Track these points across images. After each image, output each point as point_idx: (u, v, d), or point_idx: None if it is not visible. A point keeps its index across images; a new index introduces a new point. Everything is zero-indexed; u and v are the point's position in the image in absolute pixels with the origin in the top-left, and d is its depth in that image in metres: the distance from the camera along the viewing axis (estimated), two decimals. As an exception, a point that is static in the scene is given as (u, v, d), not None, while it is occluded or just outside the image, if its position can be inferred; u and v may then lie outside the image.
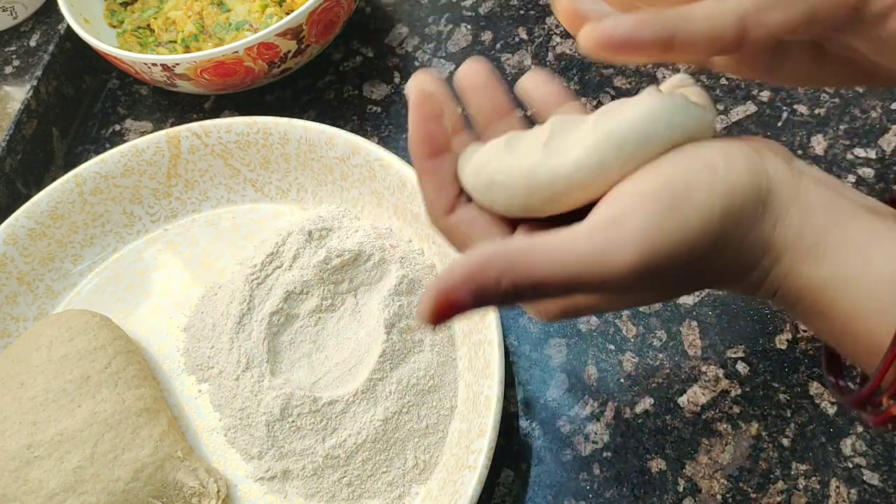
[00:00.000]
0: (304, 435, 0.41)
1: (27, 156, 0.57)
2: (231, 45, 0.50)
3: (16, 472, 0.39)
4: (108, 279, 0.51)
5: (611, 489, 0.41)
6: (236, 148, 0.51)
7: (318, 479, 0.41)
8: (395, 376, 0.42)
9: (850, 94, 0.52)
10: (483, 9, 0.61)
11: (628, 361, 0.44)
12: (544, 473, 0.42)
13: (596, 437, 0.42)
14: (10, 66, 0.61)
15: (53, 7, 0.63)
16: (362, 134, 0.53)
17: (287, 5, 0.57)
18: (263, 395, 0.42)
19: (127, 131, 0.60)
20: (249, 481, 0.42)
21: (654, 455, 0.41)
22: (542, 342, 0.46)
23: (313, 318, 0.44)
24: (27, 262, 0.49)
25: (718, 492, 0.40)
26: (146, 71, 0.53)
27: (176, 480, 0.40)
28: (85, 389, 0.41)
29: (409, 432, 0.41)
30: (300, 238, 0.45)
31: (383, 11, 0.63)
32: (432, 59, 0.60)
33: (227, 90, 0.55)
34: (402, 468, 0.41)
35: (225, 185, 0.52)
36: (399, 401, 0.41)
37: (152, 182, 0.52)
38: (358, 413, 0.41)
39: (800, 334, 0.44)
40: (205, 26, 0.57)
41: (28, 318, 0.49)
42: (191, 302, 0.49)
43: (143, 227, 0.52)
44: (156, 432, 0.41)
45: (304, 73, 0.59)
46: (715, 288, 0.27)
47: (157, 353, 0.48)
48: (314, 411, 0.41)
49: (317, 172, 0.50)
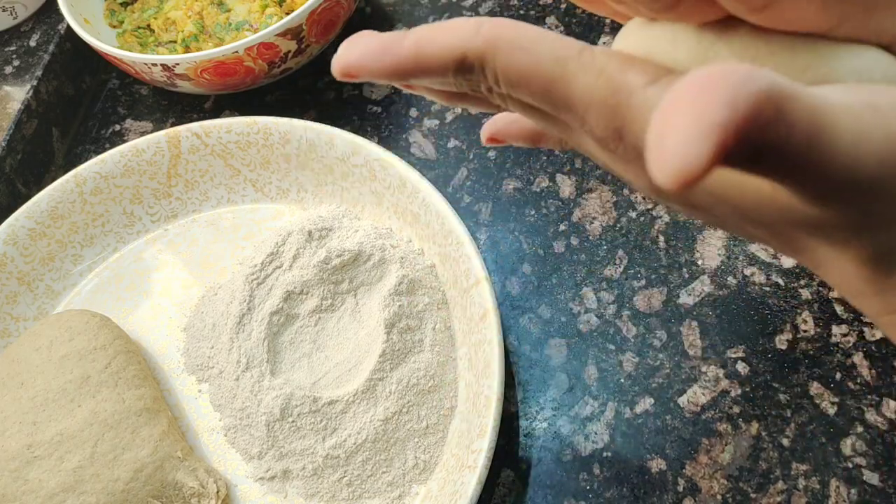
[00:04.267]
0: (304, 435, 0.41)
1: (27, 156, 0.57)
2: (231, 45, 0.50)
3: (16, 472, 0.39)
4: (108, 279, 0.51)
5: (611, 489, 0.41)
6: (236, 148, 0.51)
7: (318, 479, 0.41)
8: (395, 376, 0.42)
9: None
10: (483, 9, 0.61)
11: (628, 361, 0.44)
12: (544, 473, 0.42)
13: (596, 437, 0.42)
14: (10, 66, 0.61)
15: (53, 7, 0.63)
16: (362, 134, 0.53)
17: (287, 5, 0.57)
18: (263, 395, 0.42)
19: (127, 131, 0.60)
20: (249, 481, 0.42)
21: (654, 455, 0.41)
22: (542, 342, 0.46)
23: (313, 318, 0.44)
24: (27, 262, 0.49)
25: (718, 492, 0.40)
26: (146, 71, 0.53)
27: (175, 480, 0.40)
28: (85, 389, 0.41)
29: (409, 432, 0.41)
30: (300, 238, 0.45)
31: (383, 11, 0.63)
32: (432, 59, 0.60)
33: (227, 90, 0.55)
34: (402, 468, 0.41)
35: (225, 185, 0.52)
36: (399, 401, 0.41)
37: (152, 182, 0.52)
38: (358, 413, 0.41)
39: (800, 334, 0.44)
40: (205, 26, 0.57)
41: (28, 318, 0.49)
42: (191, 302, 0.49)
43: (143, 227, 0.52)
44: (156, 432, 0.41)
45: (304, 73, 0.59)
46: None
47: (157, 353, 0.48)
48: (314, 411, 0.41)
49: (317, 172, 0.50)
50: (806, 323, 0.44)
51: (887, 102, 0.17)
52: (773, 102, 0.15)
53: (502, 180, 0.53)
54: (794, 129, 0.16)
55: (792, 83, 0.16)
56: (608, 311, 0.46)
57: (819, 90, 0.17)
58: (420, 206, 0.46)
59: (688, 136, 0.14)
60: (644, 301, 0.46)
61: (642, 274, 0.47)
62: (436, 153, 0.55)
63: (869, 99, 0.17)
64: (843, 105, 0.17)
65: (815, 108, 0.16)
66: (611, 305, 0.46)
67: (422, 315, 0.44)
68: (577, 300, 0.47)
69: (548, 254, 0.49)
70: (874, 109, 0.17)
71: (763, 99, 0.15)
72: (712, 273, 0.46)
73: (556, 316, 0.47)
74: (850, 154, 0.16)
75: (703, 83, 0.15)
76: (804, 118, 0.16)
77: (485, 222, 0.51)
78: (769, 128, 0.15)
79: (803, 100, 0.16)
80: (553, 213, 0.51)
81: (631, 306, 0.46)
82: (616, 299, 0.47)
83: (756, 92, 0.15)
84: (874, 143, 0.17)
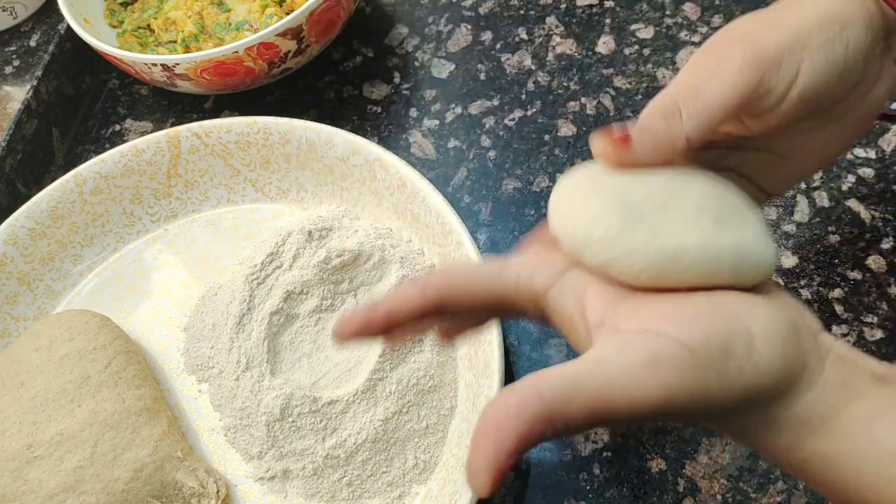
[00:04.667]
0: (304, 435, 0.41)
1: (27, 156, 0.57)
2: (231, 45, 0.50)
3: (16, 472, 0.39)
4: (108, 279, 0.51)
5: (611, 489, 0.41)
6: (236, 148, 0.51)
7: (318, 479, 0.41)
8: (395, 376, 0.42)
9: (850, 94, 0.52)
10: (483, 9, 0.61)
11: (628, 361, 0.44)
12: (544, 473, 0.42)
13: (596, 437, 0.42)
14: (10, 66, 0.61)
15: (53, 7, 0.63)
16: (362, 134, 0.53)
17: (287, 5, 0.57)
18: (263, 395, 0.42)
19: (127, 131, 0.60)
20: (249, 481, 0.42)
21: (654, 455, 0.41)
22: (542, 342, 0.46)
23: (313, 318, 0.44)
24: (27, 262, 0.49)
25: (718, 492, 0.40)
26: (146, 71, 0.53)
27: (175, 480, 0.40)
28: (85, 389, 0.41)
29: (409, 432, 0.41)
30: (300, 238, 0.45)
31: (383, 11, 0.63)
32: (432, 60, 0.60)
33: (227, 90, 0.55)
34: (402, 468, 0.41)
35: (225, 185, 0.52)
36: (399, 401, 0.41)
37: (152, 182, 0.52)
38: (358, 413, 0.41)
39: (800, 334, 0.44)
40: (205, 26, 0.57)
41: (28, 318, 0.49)
42: (191, 302, 0.49)
43: (143, 227, 0.52)
44: (156, 432, 0.41)
45: (304, 73, 0.59)
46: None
47: (157, 353, 0.48)
48: (314, 411, 0.41)
49: (317, 172, 0.50)
50: (806, 323, 0.44)
51: (669, 354, 0.23)
52: (545, 417, 0.22)
53: (502, 180, 0.53)
54: (571, 418, 0.23)
55: (573, 378, 0.23)
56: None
57: (601, 364, 0.23)
58: (420, 206, 0.46)
59: (486, 462, 0.22)
60: (644, 301, 0.46)
61: (642, 274, 0.47)
62: (436, 153, 0.55)
63: (650, 354, 0.23)
64: (620, 373, 0.23)
65: (592, 394, 0.23)
66: (611, 305, 0.46)
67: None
68: (577, 300, 0.47)
69: (548, 254, 0.49)
70: (651, 365, 0.23)
71: (534, 421, 0.22)
72: (712, 273, 0.46)
73: (556, 316, 0.47)
74: (628, 412, 0.23)
75: (490, 419, 0.23)
76: (581, 407, 0.23)
77: (485, 222, 0.51)
78: (545, 432, 0.23)
79: (581, 392, 0.23)
80: (553, 213, 0.50)
81: (631, 306, 0.46)
82: (616, 299, 0.46)
83: (529, 418, 0.22)
84: (650, 399, 0.23)
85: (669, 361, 0.23)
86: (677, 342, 0.24)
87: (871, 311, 0.44)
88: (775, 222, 0.48)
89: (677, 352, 0.23)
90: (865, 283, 0.45)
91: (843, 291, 0.45)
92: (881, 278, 0.45)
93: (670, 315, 0.25)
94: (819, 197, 0.48)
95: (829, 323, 0.44)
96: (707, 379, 0.23)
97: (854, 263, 0.46)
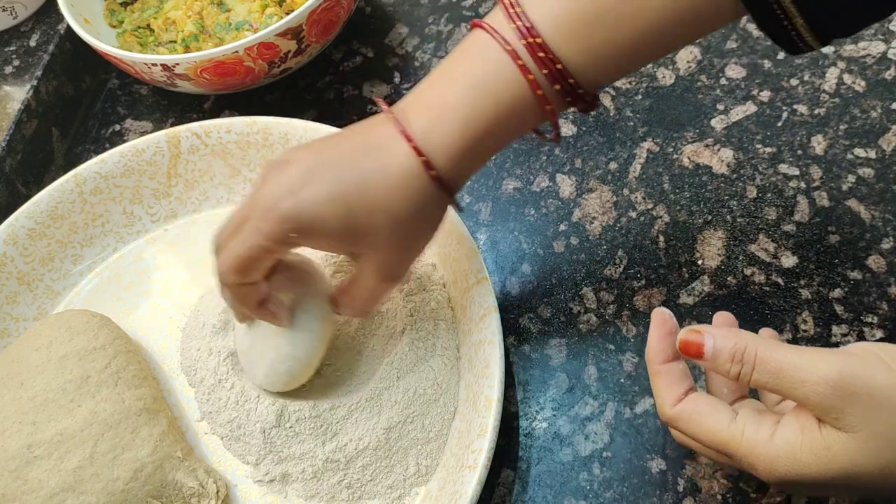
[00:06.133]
0: (303, 440, 0.41)
1: (27, 156, 0.57)
2: (231, 45, 0.50)
3: (16, 472, 0.39)
4: (108, 279, 0.51)
5: (611, 489, 0.41)
6: (236, 148, 0.51)
7: (318, 481, 0.41)
8: (402, 386, 0.42)
9: (850, 94, 0.52)
10: (483, 9, 0.61)
11: (628, 361, 0.44)
12: (544, 473, 0.42)
13: (596, 437, 0.42)
14: (10, 66, 0.61)
15: (53, 7, 0.63)
16: (362, 134, 0.53)
17: (287, 5, 0.57)
18: (252, 404, 0.42)
19: (127, 131, 0.60)
20: (249, 482, 0.42)
21: (654, 455, 0.41)
22: (542, 342, 0.46)
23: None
24: (27, 262, 0.49)
25: (718, 492, 0.40)
26: (146, 71, 0.53)
27: (175, 481, 0.40)
28: (85, 389, 0.41)
29: (412, 441, 0.41)
30: (300, 238, 0.45)
31: (383, 11, 0.63)
32: (432, 59, 0.60)
33: (227, 90, 0.55)
34: (403, 474, 0.41)
35: (225, 185, 0.52)
36: (404, 411, 0.41)
37: (152, 182, 0.52)
38: (360, 420, 0.41)
39: (800, 334, 0.44)
40: (205, 26, 0.57)
41: (28, 318, 0.49)
42: (191, 302, 0.49)
43: (143, 227, 0.52)
44: (155, 432, 0.41)
45: (304, 73, 0.59)
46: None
47: (157, 353, 0.47)
48: (314, 416, 0.41)
49: (317, 172, 0.50)
50: (806, 323, 0.44)
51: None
52: None
53: (502, 180, 0.53)
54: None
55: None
56: (608, 311, 0.46)
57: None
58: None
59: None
60: (644, 301, 0.46)
61: (642, 274, 0.47)
62: (436, 153, 0.55)
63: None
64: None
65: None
66: (611, 305, 0.46)
67: (434, 315, 0.44)
68: (577, 300, 0.47)
69: (547, 254, 0.49)
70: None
71: None
72: (712, 273, 0.46)
73: (556, 316, 0.47)
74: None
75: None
76: None
77: (485, 222, 0.51)
78: None
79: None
80: (553, 212, 0.51)
81: (631, 306, 0.46)
82: (616, 299, 0.47)
83: None
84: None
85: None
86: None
87: (871, 311, 0.44)
88: (775, 222, 0.48)
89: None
90: (865, 283, 0.45)
91: (843, 291, 0.45)
92: (881, 278, 0.45)
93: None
94: (819, 197, 0.48)
95: (829, 323, 0.44)
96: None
97: (854, 263, 0.46)
